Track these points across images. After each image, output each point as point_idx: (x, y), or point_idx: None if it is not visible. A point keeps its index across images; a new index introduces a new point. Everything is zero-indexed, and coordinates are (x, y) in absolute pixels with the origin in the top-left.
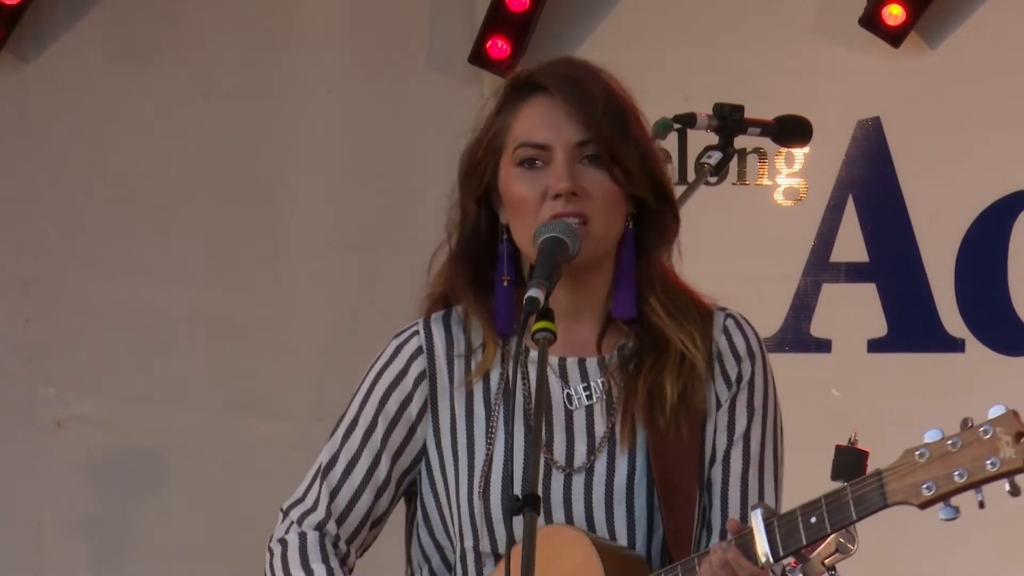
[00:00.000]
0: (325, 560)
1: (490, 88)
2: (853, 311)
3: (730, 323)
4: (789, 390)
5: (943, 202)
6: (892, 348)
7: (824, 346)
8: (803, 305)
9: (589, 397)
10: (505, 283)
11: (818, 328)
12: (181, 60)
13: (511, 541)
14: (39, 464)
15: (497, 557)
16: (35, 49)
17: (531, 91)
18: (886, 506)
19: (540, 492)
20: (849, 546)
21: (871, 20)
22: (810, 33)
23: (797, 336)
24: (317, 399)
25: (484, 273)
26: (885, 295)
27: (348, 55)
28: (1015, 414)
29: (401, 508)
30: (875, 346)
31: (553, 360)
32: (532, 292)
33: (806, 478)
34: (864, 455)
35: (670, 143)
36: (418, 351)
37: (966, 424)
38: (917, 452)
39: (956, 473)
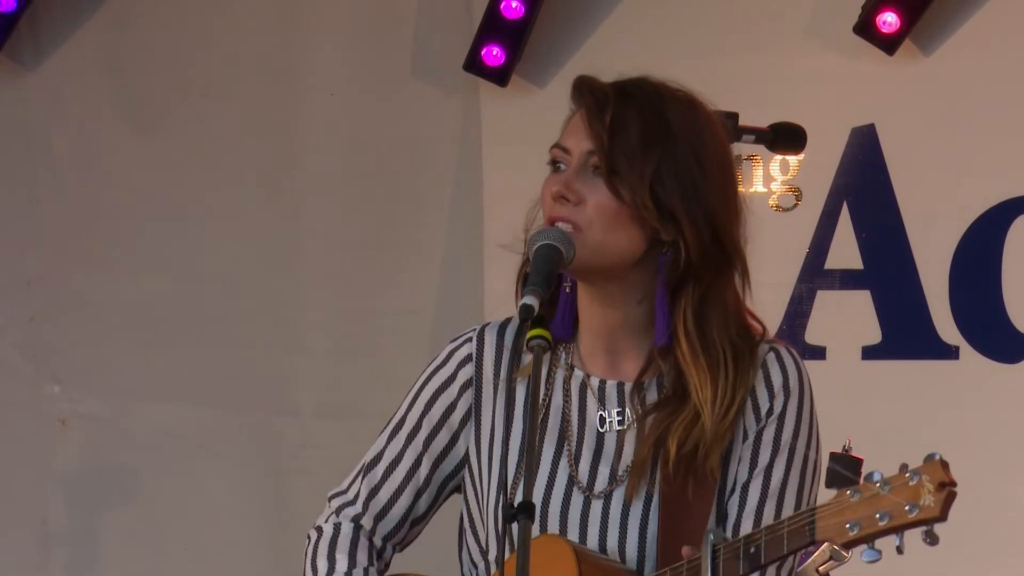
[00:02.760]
0: (352, 553)
1: (486, 95)
2: (848, 318)
3: (771, 357)
4: None
5: (937, 209)
6: (886, 355)
7: (819, 353)
8: (797, 312)
9: (622, 423)
10: (568, 290)
11: (813, 335)
12: (178, 64)
13: (502, 549)
14: (43, 462)
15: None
16: (35, 55)
17: (577, 99)
18: (814, 542)
19: (557, 505)
20: (843, 554)
21: (865, 27)
22: (804, 40)
23: (791, 343)
24: (323, 397)
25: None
26: (879, 302)
27: (348, 61)
28: (943, 464)
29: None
30: (869, 353)
31: (595, 381)
32: (527, 300)
33: None
34: (859, 462)
35: None
36: (467, 358)
37: (903, 468)
38: (849, 492)
39: (878, 515)
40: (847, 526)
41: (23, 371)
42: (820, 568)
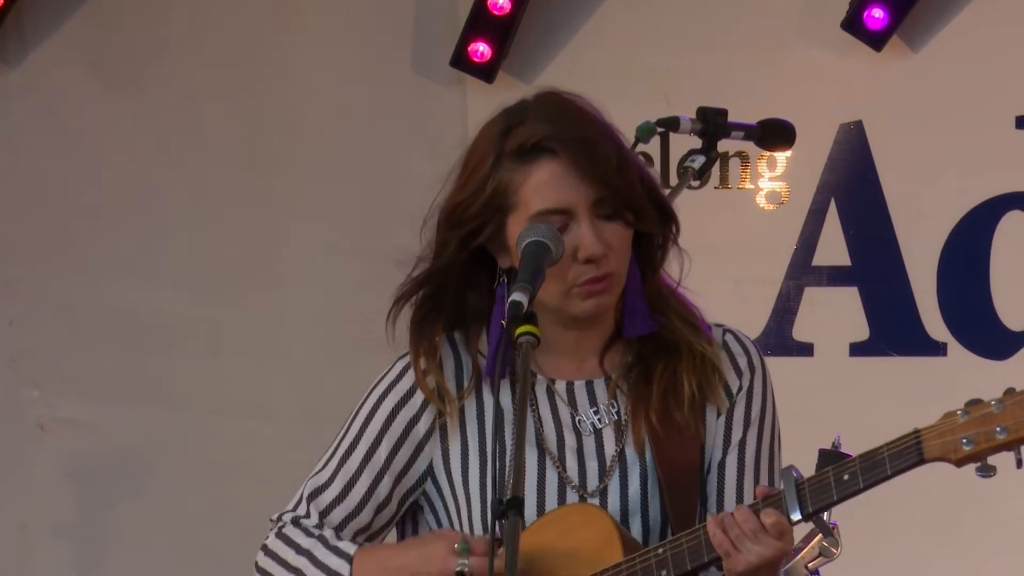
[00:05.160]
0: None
1: (472, 92)
2: (835, 315)
3: (729, 337)
4: None
5: (925, 206)
6: (874, 352)
7: (806, 350)
8: (785, 309)
9: (600, 421)
10: (504, 325)
11: (800, 332)
12: (167, 64)
13: (493, 543)
14: (22, 467)
15: None
16: (18, 52)
17: (536, 153)
18: (922, 462)
19: (553, 507)
20: (832, 550)
21: (853, 24)
22: (792, 37)
23: (779, 340)
24: (304, 401)
25: (456, 314)
26: (867, 299)
27: (334, 59)
28: None
29: None
30: (857, 350)
31: (561, 386)
32: (515, 296)
33: None
34: (847, 458)
35: (652, 147)
36: (426, 371)
37: (1010, 392)
38: (958, 412)
39: (998, 429)
40: (963, 441)
41: (2, 375)
42: (809, 564)
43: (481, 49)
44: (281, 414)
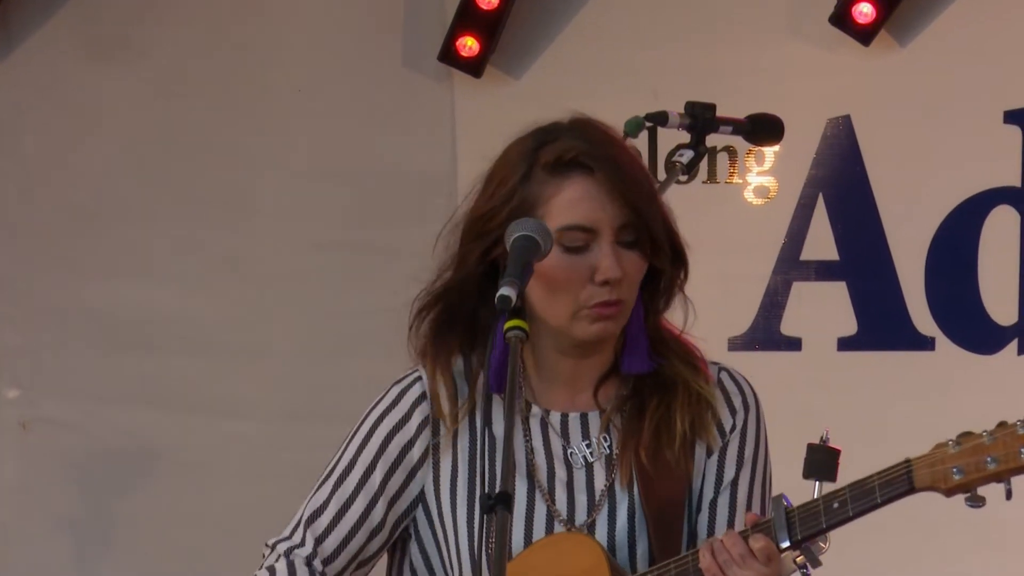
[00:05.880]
0: None
1: (460, 86)
2: (823, 309)
3: (724, 375)
4: (759, 389)
5: (913, 200)
6: (862, 346)
7: (794, 344)
8: (773, 304)
9: (592, 455)
10: (507, 342)
11: (788, 327)
12: (151, 59)
13: (484, 540)
14: (3, 465)
15: None
16: (3, 47)
17: (571, 168)
18: (913, 491)
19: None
20: (821, 544)
21: (841, 18)
22: (780, 31)
23: (767, 335)
24: (288, 399)
25: (469, 330)
26: (855, 293)
27: (319, 52)
28: None
29: None
30: (845, 344)
31: (555, 417)
32: (504, 291)
33: (778, 477)
34: (836, 453)
35: (640, 141)
36: (421, 397)
37: (1002, 424)
38: (949, 442)
39: (988, 459)
40: (953, 471)
41: None
42: (797, 560)
43: (469, 44)
44: (265, 412)
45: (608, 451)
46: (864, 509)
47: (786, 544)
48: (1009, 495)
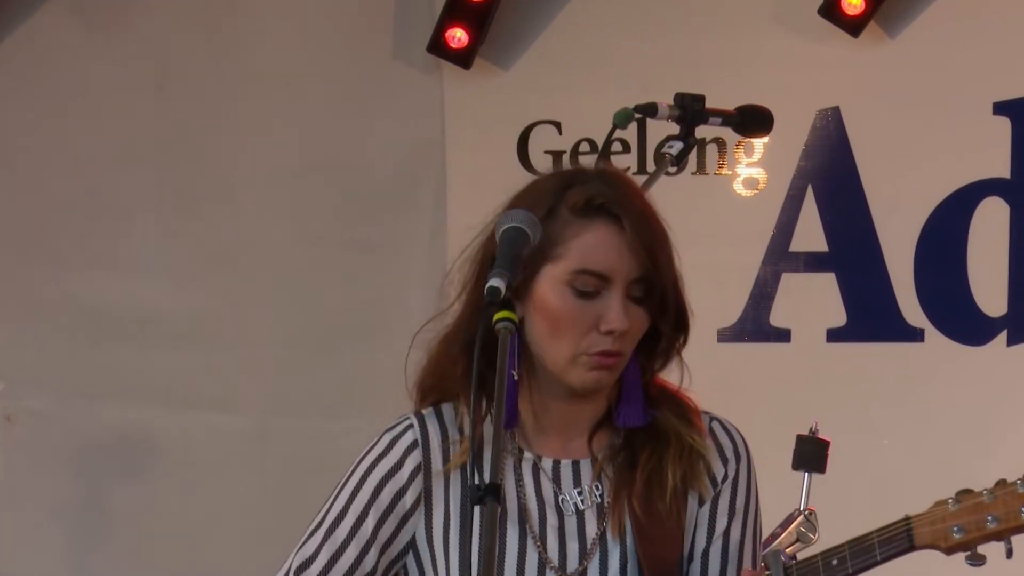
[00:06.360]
0: None
1: (449, 78)
2: (812, 301)
3: (716, 425)
4: (748, 380)
5: (903, 192)
6: (851, 338)
7: (784, 336)
8: (762, 295)
9: (583, 502)
10: (516, 377)
11: (777, 318)
12: (138, 52)
13: (468, 534)
14: None
15: None
16: None
17: (598, 213)
18: (912, 548)
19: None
20: (810, 535)
21: (830, 10)
22: (770, 23)
23: (756, 326)
24: (273, 394)
25: (467, 374)
26: (844, 285)
27: (307, 45)
28: None
29: None
30: (834, 336)
31: (547, 463)
32: (493, 282)
33: (766, 467)
34: (825, 444)
35: (629, 133)
36: (414, 444)
37: (1002, 483)
38: (949, 500)
39: (988, 518)
40: (953, 530)
41: None
42: (788, 550)
43: (458, 35)
44: (252, 405)
45: (600, 500)
46: (864, 567)
47: None
48: (1010, 554)
